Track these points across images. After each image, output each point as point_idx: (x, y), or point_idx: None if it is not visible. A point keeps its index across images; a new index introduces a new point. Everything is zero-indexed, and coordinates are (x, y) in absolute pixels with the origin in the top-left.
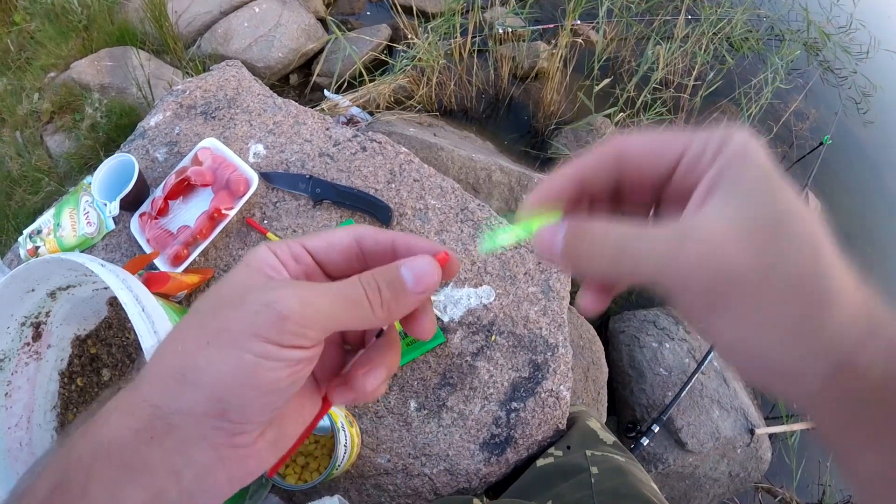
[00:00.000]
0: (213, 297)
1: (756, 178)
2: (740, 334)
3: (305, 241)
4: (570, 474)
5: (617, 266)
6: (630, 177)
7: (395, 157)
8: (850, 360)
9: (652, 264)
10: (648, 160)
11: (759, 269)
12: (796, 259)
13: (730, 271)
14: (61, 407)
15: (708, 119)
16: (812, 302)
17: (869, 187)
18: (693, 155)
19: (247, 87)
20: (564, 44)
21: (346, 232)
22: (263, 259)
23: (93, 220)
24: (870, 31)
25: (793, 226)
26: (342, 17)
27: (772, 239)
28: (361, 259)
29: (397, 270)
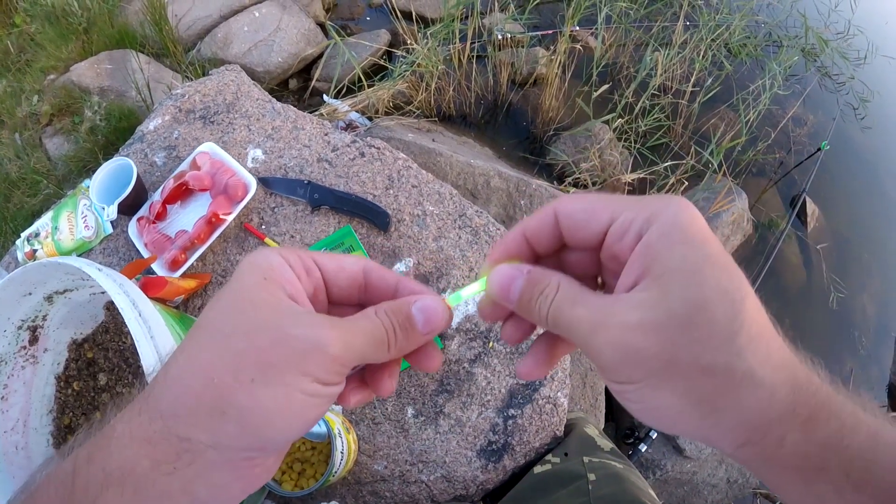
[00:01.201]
0: (236, 316)
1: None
2: (652, 403)
3: (317, 257)
4: (567, 481)
5: (555, 325)
6: (568, 235)
7: (394, 162)
8: (760, 436)
9: (578, 335)
10: (580, 222)
11: (664, 356)
12: (702, 348)
13: (638, 356)
14: (57, 411)
15: (706, 125)
16: (717, 385)
17: (866, 193)
18: (620, 225)
19: (246, 92)
20: (563, 50)
21: (356, 260)
22: (280, 272)
23: (91, 224)
24: (868, 37)
25: (705, 316)
26: (342, 22)
27: (680, 331)
28: (363, 290)
29: (408, 309)
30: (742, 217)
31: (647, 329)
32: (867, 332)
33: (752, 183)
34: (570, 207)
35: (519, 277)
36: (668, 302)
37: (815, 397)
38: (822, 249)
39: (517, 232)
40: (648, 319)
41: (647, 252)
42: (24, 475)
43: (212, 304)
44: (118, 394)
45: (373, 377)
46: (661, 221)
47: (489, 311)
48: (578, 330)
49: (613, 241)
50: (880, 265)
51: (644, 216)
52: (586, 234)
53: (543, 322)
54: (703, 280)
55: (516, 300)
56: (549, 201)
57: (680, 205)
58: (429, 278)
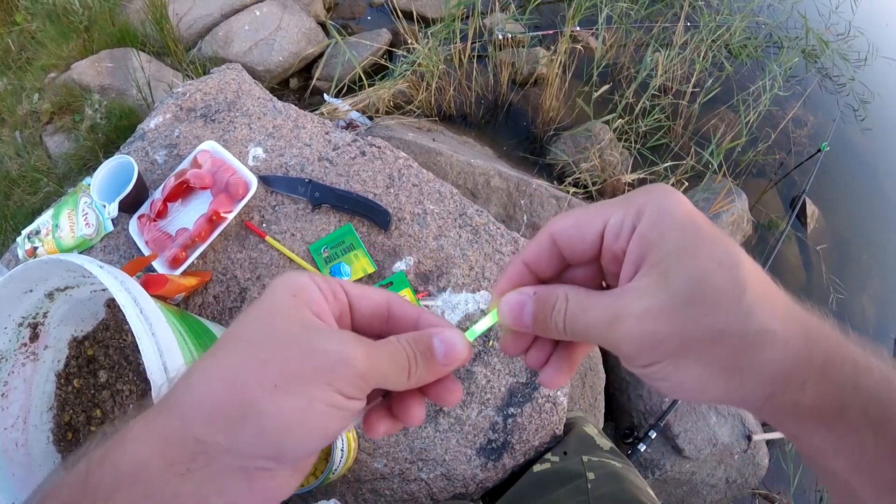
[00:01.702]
0: (264, 327)
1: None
2: (679, 378)
3: (344, 283)
4: (566, 480)
5: (573, 335)
6: (566, 252)
7: (395, 161)
8: (782, 386)
9: (596, 334)
10: (575, 236)
11: (678, 334)
12: (712, 317)
13: (654, 340)
14: (57, 408)
15: (706, 126)
16: (734, 348)
17: (866, 194)
18: (613, 225)
19: (247, 91)
20: (564, 50)
21: (380, 292)
22: (309, 292)
23: (91, 222)
24: (868, 39)
25: (707, 287)
26: (343, 21)
27: (686, 308)
28: (385, 320)
29: (430, 339)
30: (742, 218)
31: (655, 314)
32: (866, 334)
33: (752, 184)
34: (562, 225)
35: (528, 301)
36: (669, 283)
37: (828, 342)
38: (821, 250)
39: (517, 262)
40: (654, 304)
41: (640, 241)
42: (24, 472)
43: (241, 317)
44: (118, 391)
45: (400, 406)
46: (650, 212)
47: (512, 344)
48: (596, 332)
49: (611, 242)
50: (880, 267)
51: (633, 210)
52: (584, 244)
53: (562, 334)
54: (696, 255)
55: (531, 323)
56: (549, 201)
57: (664, 191)
58: (429, 277)
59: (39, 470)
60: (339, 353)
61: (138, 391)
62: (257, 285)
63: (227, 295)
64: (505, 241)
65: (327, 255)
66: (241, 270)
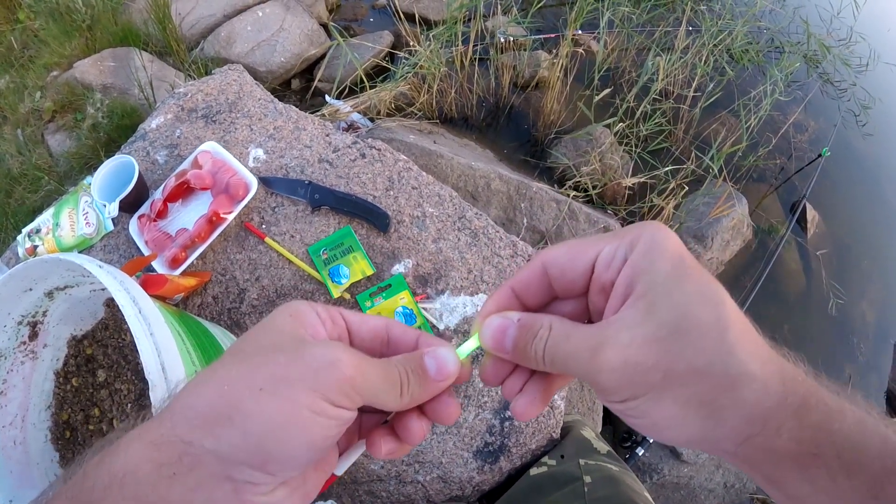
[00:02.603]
0: (258, 341)
1: (660, 279)
2: (657, 415)
3: (343, 311)
4: (563, 483)
5: (552, 364)
6: (557, 282)
7: (394, 164)
8: (759, 428)
9: (577, 367)
10: (567, 265)
11: (661, 367)
12: (695, 352)
13: (636, 372)
14: (56, 406)
15: (707, 130)
16: (715, 385)
17: (867, 199)
18: (605, 255)
19: (248, 92)
20: (565, 53)
21: (380, 318)
22: (307, 315)
23: (92, 221)
24: (870, 44)
25: (692, 322)
26: (345, 22)
27: (671, 340)
28: (385, 344)
29: (421, 358)
30: (742, 222)
31: (640, 344)
32: (866, 339)
33: (752, 188)
34: (555, 253)
35: (511, 326)
36: (656, 314)
37: (802, 386)
38: (821, 256)
39: (505, 288)
40: (640, 334)
41: (631, 270)
42: (22, 470)
43: (242, 336)
44: (117, 390)
45: (400, 424)
46: (641, 244)
47: (491, 371)
48: (577, 360)
49: (602, 272)
50: (880, 272)
51: (627, 242)
52: (575, 273)
53: (541, 363)
54: (683, 289)
55: (511, 348)
56: (549, 204)
57: (656, 227)
58: (427, 280)
59: (37, 468)
60: (325, 356)
61: (136, 390)
62: (256, 286)
63: (226, 295)
64: (504, 245)
65: (326, 257)
66: (240, 271)
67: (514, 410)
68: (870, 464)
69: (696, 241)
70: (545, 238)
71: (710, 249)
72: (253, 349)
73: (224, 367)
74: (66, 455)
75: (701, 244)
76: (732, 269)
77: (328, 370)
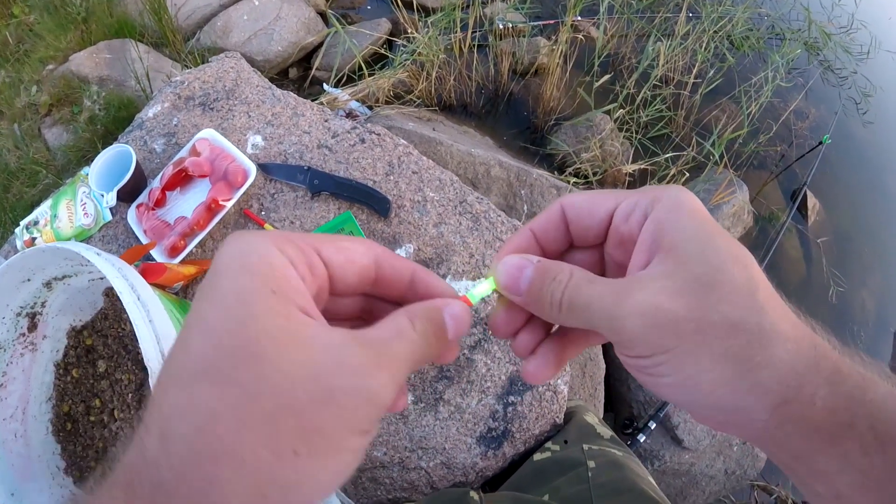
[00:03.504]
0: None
1: (690, 235)
2: (686, 372)
3: (322, 248)
4: (567, 468)
5: (569, 310)
6: (574, 226)
7: (394, 149)
8: (794, 392)
9: (600, 310)
10: (585, 210)
11: (694, 317)
12: (730, 306)
13: (667, 320)
14: (56, 398)
15: (707, 117)
16: (751, 340)
17: (868, 187)
18: (625, 207)
19: (245, 79)
20: (565, 40)
21: (365, 249)
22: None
23: (90, 211)
24: (871, 32)
25: (725, 276)
26: (342, 10)
27: (704, 292)
28: (372, 282)
29: (441, 316)
30: (743, 209)
31: (672, 293)
32: (866, 327)
33: (753, 175)
34: (575, 199)
35: (528, 266)
36: (689, 268)
37: (833, 353)
38: (822, 243)
39: (526, 230)
40: (672, 285)
41: (656, 228)
42: (23, 463)
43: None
44: (117, 381)
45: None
46: (665, 200)
47: (502, 320)
48: (600, 305)
49: (620, 223)
50: (880, 260)
51: (648, 198)
52: (593, 220)
53: (556, 308)
54: (716, 246)
55: (526, 289)
56: (549, 191)
57: (680, 189)
58: (429, 264)
59: (38, 460)
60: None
61: (137, 380)
62: None
63: None
64: (505, 229)
65: None
66: None
67: (527, 371)
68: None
69: None
70: None
71: None
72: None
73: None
74: (68, 447)
75: None
76: None
77: (368, 407)
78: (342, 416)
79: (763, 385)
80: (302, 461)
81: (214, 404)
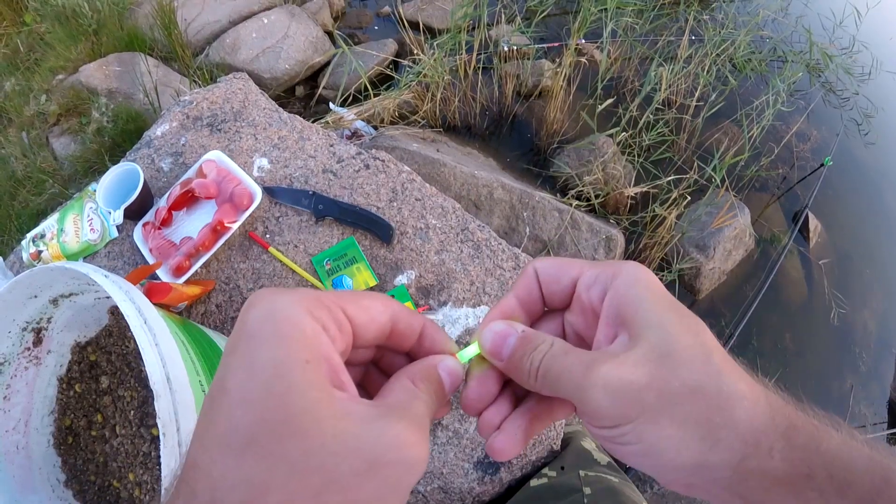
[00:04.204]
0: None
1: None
2: (649, 440)
3: (347, 307)
4: (563, 495)
5: (544, 378)
6: (545, 290)
7: (398, 175)
8: (753, 449)
9: (569, 381)
10: (554, 277)
11: (656, 385)
12: (688, 372)
13: (630, 390)
14: (59, 412)
15: (709, 140)
16: (710, 404)
17: (869, 208)
18: (587, 280)
19: (253, 101)
20: (568, 63)
21: (383, 307)
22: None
23: (96, 228)
24: (872, 53)
25: (680, 350)
26: (349, 30)
27: (663, 361)
28: (386, 338)
29: (437, 374)
30: (744, 232)
31: (633, 364)
32: (868, 349)
33: (754, 198)
34: (545, 264)
35: (513, 335)
36: (646, 339)
37: (787, 408)
38: (823, 265)
39: (510, 297)
40: (633, 357)
41: (618, 303)
42: (24, 475)
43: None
44: (120, 397)
45: None
46: (624, 276)
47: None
48: (569, 376)
49: (582, 291)
50: (882, 281)
51: (608, 272)
52: (559, 286)
53: (534, 376)
54: (668, 318)
55: (508, 355)
56: (551, 214)
57: (637, 265)
58: (430, 291)
59: (39, 473)
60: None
61: (140, 397)
62: None
63: (229, 304)
64: (506, 257)
65: (330, 268)
66: (244, 280)
67: (492, 446)
68: (859, 482)
69: (699, 250)
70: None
71: (712, 259)
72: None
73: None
74: (68, 460)
75: (703, 254)
76: (734, 278)
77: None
78: (386, 486)
79: (724, 443)
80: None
81: (265, 478)
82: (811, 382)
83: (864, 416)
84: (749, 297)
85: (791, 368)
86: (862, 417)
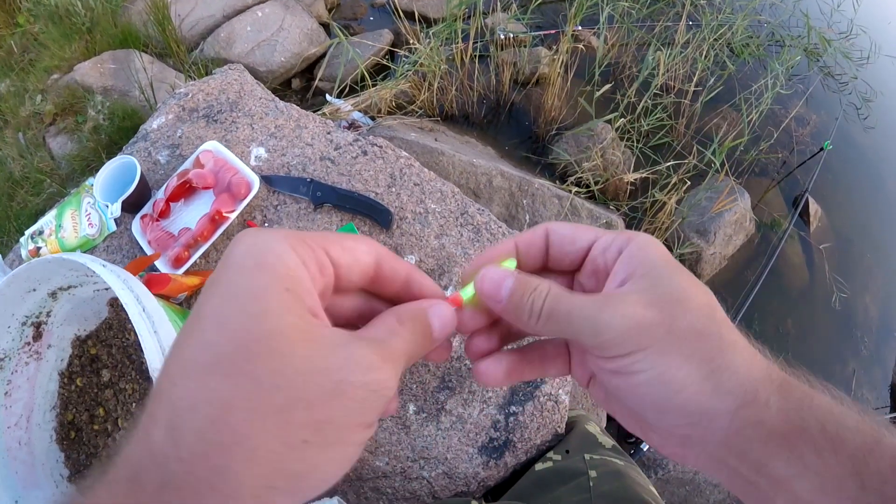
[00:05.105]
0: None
1: (660, 265)
2: (659, 368)
3: (330, 248)
4: (568, 478)
5: (548, 318)
6: (555, 250)
7: (396, 161)
8: (752, 396)
9: (581, 317)
10: (568, 240)
11: (665, 322)
12: (694, 319)
13: (641, 324)
14: (60, 407)
15: (708, 125)
16: (712, 346)
17: (869, 192)
18: (603, 243)
19: (249, 91)
20: (565, 49)
21: (367, 249)
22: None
23: (94, 222)
24: (870, 37)
25: (689, 300)
26: (345, 21)
27: (672, 306)
28: (371, 281)
29: (426, 317)
30: (744, 217)
31: (645, 304)
32: (869, 333)
33: (754, 182)
34: (561, 226)
35: (509, 277)
36: (658, 288)
37: (779, 369)
38: (824, 249)
39: (510, 241)
40: (646, 299)
41: (630, 260)
42: (27, 470)
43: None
44: (121, 390)
45: None
46: (638, 240)
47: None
48: (581, 313)
49: (597, 254)
50: (883, 265)
51: (623, 238)
52: (573, 248)
53: (535, 316)
54: (679, 276)
55: (507, 296)
56: (551, 200)
57: (648, 235)
58: (431, 275)
59: (42, 468)
60: (372, 386)
61: (141, 390)
62: None
63: None
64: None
65: None
66: None
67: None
68: (851, 438)
69: (699, 235)
70: None
71: (712, 244)
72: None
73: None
74: (71, 455)
75: (703, 239)
76: (735, 263)
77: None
78: (352, 408)
79: (725, 386)
80: (311, 452)
81: (228, 396)
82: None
83: (867, 401)
84: (750, 282)
85: (793, 353)
86: (864, 401)
